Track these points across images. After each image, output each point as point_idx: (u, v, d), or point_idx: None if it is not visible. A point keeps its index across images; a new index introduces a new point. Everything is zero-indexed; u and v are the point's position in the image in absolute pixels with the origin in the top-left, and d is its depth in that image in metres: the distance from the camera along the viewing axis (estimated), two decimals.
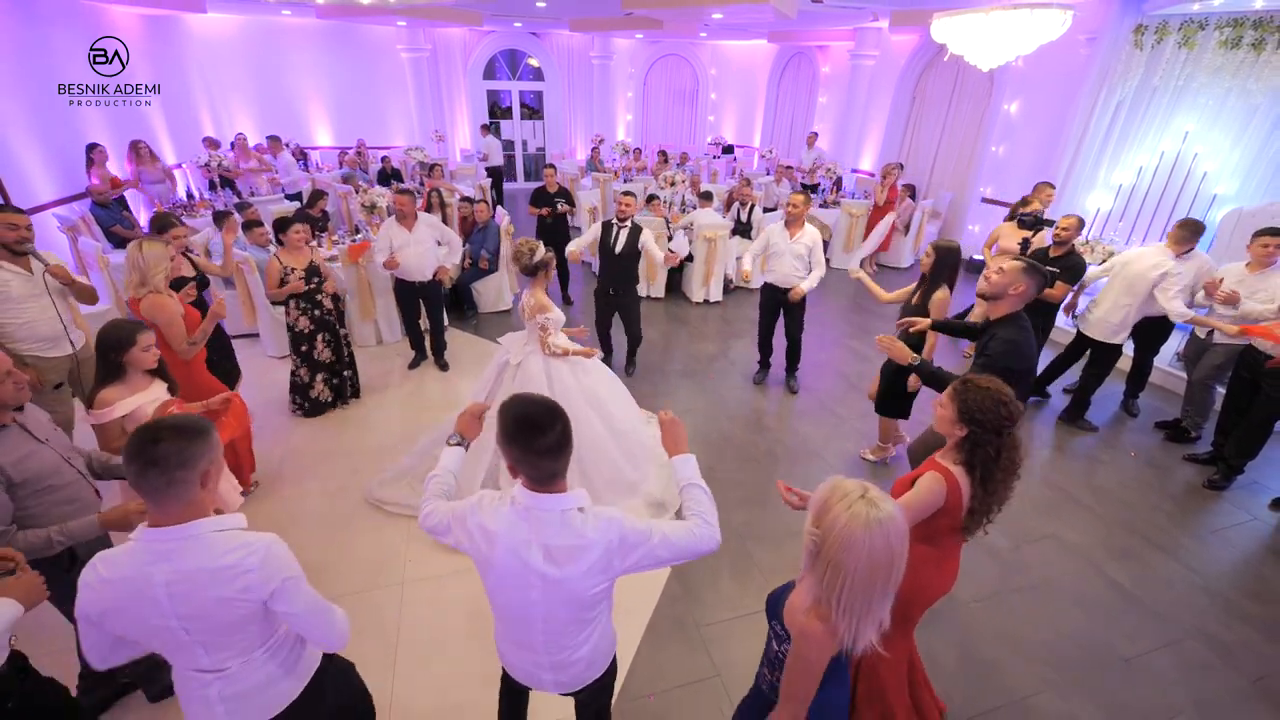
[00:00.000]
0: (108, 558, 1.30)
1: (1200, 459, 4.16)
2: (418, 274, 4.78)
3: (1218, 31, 5.73)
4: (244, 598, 1.31)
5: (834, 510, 1.28)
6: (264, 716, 1.48)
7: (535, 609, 1.44)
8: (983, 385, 1.79)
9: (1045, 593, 3.04)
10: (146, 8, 8.15)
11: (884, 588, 1.29)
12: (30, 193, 6.14)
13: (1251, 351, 3.74)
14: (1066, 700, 2.50)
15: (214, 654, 1.37)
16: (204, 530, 1.30)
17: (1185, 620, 2.90)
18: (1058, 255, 4.18)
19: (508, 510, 1.41)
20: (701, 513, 1.53)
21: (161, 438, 1.25)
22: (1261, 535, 3.53)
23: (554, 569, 1.37)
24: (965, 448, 1.82)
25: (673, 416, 1.72)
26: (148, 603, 1.27)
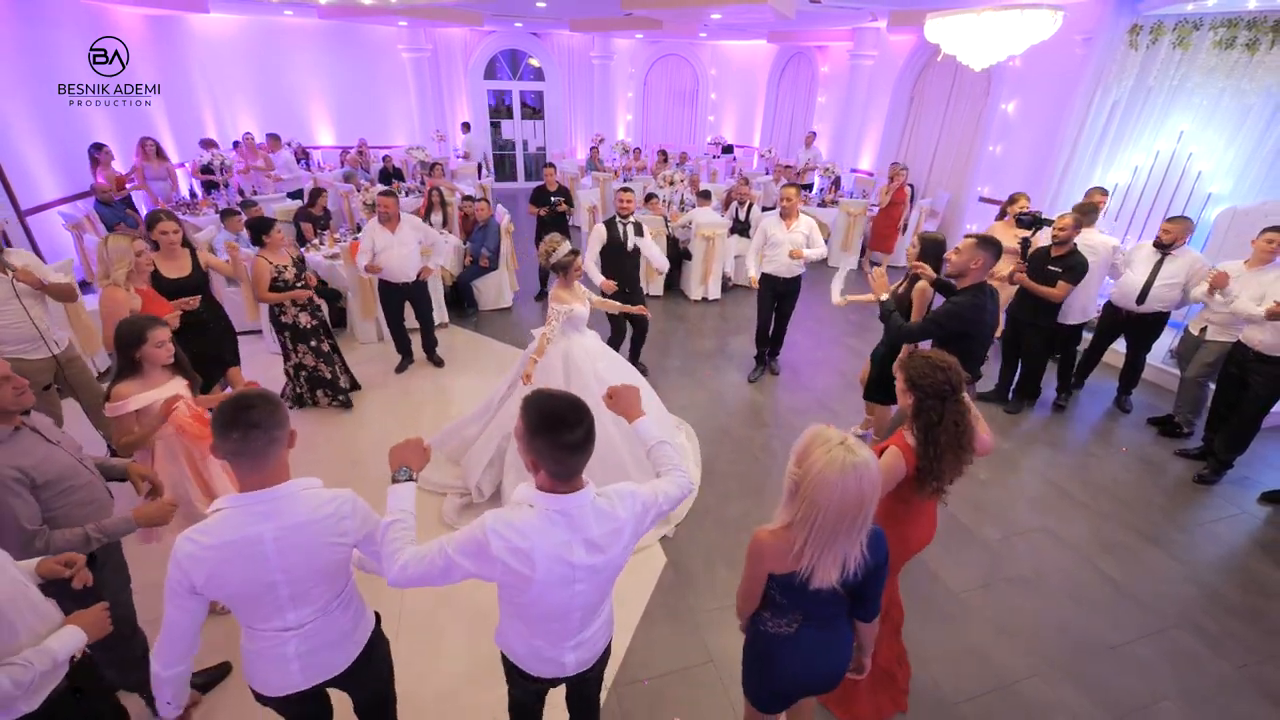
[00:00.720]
0: (202, 528, 1.37)
1: (1191, 454, 4.21)
2: (401, 275, 4.73)
3: (1212, 32, 5.78)
4: (342, 541, 1.49)
5: (814, 454, 1.40)
6: (329, 673, 1.63)
7: (577, 600, 1.48)
8: (924, 355, 1.93)
9: (1035, 583, 3.10)
10: (149, 8, 8.22)
11: (850, 526, 1.41)
12: (36, 191, 6.21)
13: (1241, 348, 3.79)
14: (1053, 686, 2.55)
15: (299, 608, 1.50)
16: (296, 489, 1.44)
17: (1172, 610, 2.96)
18: (1059, 255, 4.19)
19: (536, 519, 1.38)
20: (676, 465, 1.67)
21: (253, 404, 1.37)
22: (1249, 528, 3.58)
23: (598, 557, 1.43)
24: (916, 417, 1.92)
25: (622, 386, 1.80)
26: (256, 559, 1.39)
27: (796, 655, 1.64)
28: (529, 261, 7.22)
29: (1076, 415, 4.81)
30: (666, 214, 7.31)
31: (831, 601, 1.56)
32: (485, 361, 5.39)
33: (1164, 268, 4.19)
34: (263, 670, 1.57)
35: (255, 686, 1.60)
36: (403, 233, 4.68)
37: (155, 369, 2.39)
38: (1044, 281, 4.22)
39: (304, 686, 1.61)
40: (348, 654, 1.66)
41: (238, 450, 1.36)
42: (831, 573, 1.45)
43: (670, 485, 1.61)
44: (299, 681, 1.59)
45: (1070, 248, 4.19)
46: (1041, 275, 4.24)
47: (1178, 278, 4.16)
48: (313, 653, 1.57)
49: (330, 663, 1.62)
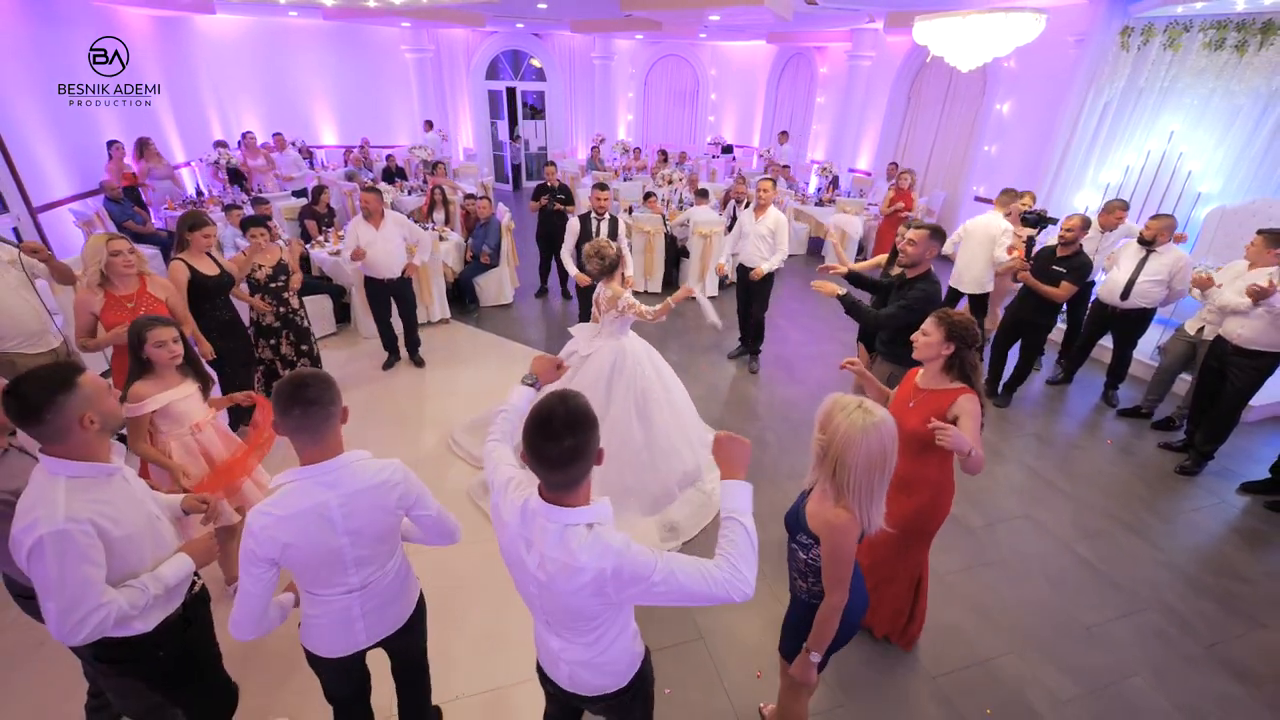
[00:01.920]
0: (272, 501, 1.48)
1: (1175, 447, 4.31)
2: (386, 271, 4.76)
3: (1202, 33, 5.87)
4: (397, 506, 1.61)
5: (836, 419, 1.57)
6: (389, 629, 1.75)
7: (535, 602, 1.44)
8: (959, 314, 2.24)
9: (1015, 567, 3.20)
10: (157, 9, 8.35)
11: (881, 477, 1.58)
12: (47, 189, 6.34)
13: (1220, 342, 3.89)
14: (1029, 663, 2.66)
15: (361, 570, 1.61)
16: (351, 460, 1.55)
17: (1147, 593, 3.06)
18: (1064, 255, 4.26)
19: (519, 507, 1.36)
20: (732, 555, 1.31)
21: (309, 383, 1.47)
22: (1227, 517, 3.68)
23: (544, 576, 1.32)
24: (955, 364, 2.23)
25: (733, 435, 1.48)
26: (325, 525, 1.50)
27: (851, 605, 1.75)
28: (529, 258, 7.33)
29: (1064, 409, 4.92)
30: (665, 212, 7.42)
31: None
32: (486, 356, 5.50)
33: (1148, 265, 4.29)
34: (327, 633, 1.66)
35: (319, 650, 1.69)
36: (387, 229, 4.70)
37: (168, 370, 2.39)
38: (1048, 281, 4.30)
39: (367, 645, 1.72)
40: (404, 610, 1.79)
41: (299, 426, 1.46)
42: (879, 519, 1.62)
43: (693, 573, 1.28)
44: (363, 640, 1.70)
45: (1076, 249, 4.25)
46: (1046, 275, 4.33)
47: (1161, 275, 4.26)
48: (375, 611, 1.68)
49: (390, 619, 1.75)
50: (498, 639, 2.70)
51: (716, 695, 2.50)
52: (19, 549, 1.40)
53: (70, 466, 1.47)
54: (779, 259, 4.79)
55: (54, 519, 1.39)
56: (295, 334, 4.30)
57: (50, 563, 1.38)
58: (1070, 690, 2.54)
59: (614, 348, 3.41)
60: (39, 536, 1.37)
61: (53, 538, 1.37)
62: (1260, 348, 3.68)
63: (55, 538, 1.38)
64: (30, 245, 3.16)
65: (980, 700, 2.49)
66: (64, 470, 1.46)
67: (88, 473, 1.49)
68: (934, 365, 2.27)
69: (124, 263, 2.99)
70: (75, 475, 1.47)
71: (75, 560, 1.40)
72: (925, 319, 2.27)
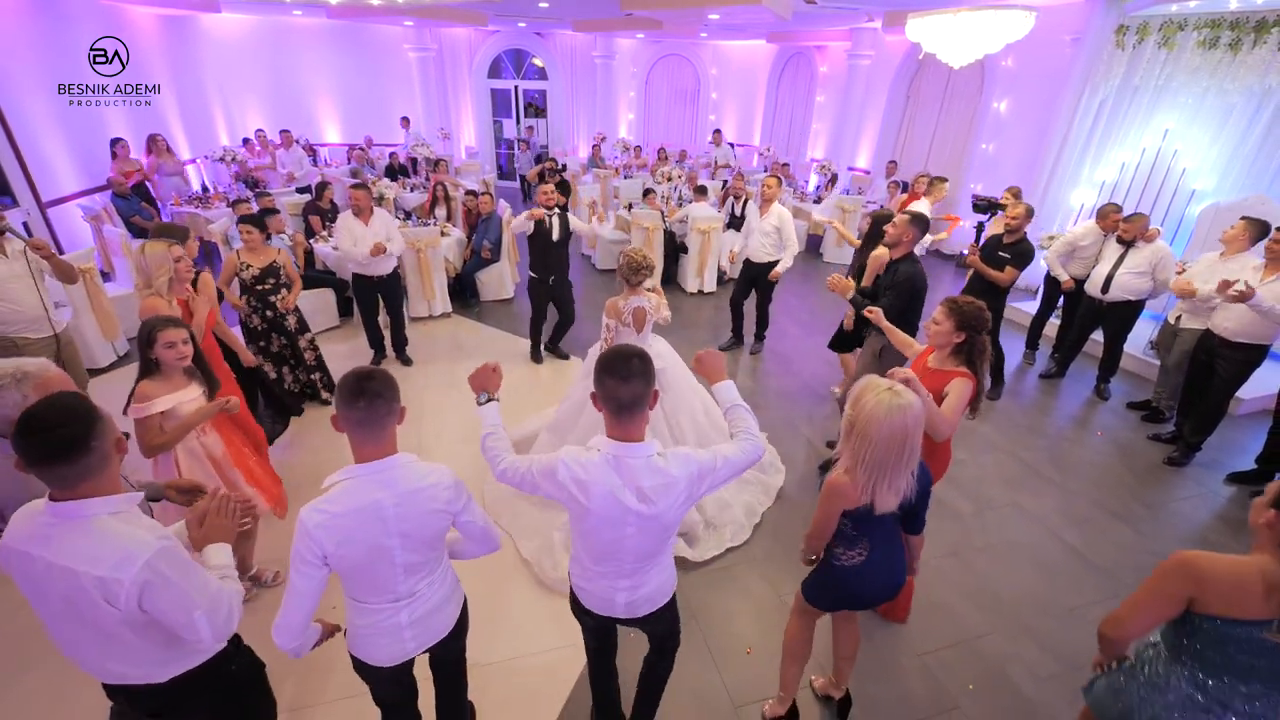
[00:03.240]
0: (328, 499, 1.46)
1: (1164, 439, 4.38)
2: (375, 268, 4.75)
3: (1196, 32, 5.93)
4: (446, 509, 1.58)
5: (865, 398, 1.70)
6: (436, 638, 1.74)
7: (629, 542, 1.62)
8: (967, 301, 2.36)
9: (1002, 552, 3.28)
10: (163, 8, 8.46)
11: (898, 457, 1.68)
12: (56, 185, 6.45)
13: (1209, 335, 3.96)
14: (1012, 641, 2.74)
15: (410, 577, 1.60)
16: (404, 461, 1.53)
17: (1131, 577, 3.13)
18: (1010, 242, 4.40)
19: (598, 460, 1.54)
20: (748, 429, 1.73)
21: (373, 376, 1.47)
22: (1213, 506, 3.74)
23: (648, 507, 1.54)
24: (964, 350, 2.37)
25: (710, 350, 1.89)
26: (378, 524, 1.48)
27: (866, 580, 1.95)
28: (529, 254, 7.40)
29: (1056, 402, 4.98)
30: (664, 209, 7.50)
31: (892, 525, 1.90)
32: (487, 350, 5.58)
33: (1128, 259, 4.38)
34: (376, 643, 1.64)
35: (369, 659, 1.68)
36: (375, 225, 4.71)
37: (175, 371, 2.37)
38: (995, 266, 4.41)
39: (415, 654, 1.71)
40: (450, 617, 1.77)
41: (362, 419, 1.45)
42: (891, 499, 1.73)
43: (734, 449, 1.66)
44: (411, 649, 1.69)
45: (1020, 236, 4.39)
46: (992, 260, 4.45)
47: (1141, 267, 4.35)
48: (422, 620, 1.67)
49: (437, 628, 1.73)
50: (500, 615, 2.78)
51: (708, 671, 2.58)
52: (118, 589, 1.26)
53: (107, 503, 1.32)
54: (790, 255, 4.97)
55: (147, 544, 1.30)
56: (285, 337, 4.20)
57: (174, 578, 1.32)
58: (1050, 667, 2.62)
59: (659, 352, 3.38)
60: (145, 562, 1.27)
61: (159, 556, 1.30)
62: (1247, 339, 3.75)
63: (161, 555, 1.31)
64: (35, 242, 3.26)
65: (963, 675, 2.56)
66: (104, 509, 1.31)
67: (124, 505, 1.37)
68: (945, 349, 2.43)
69: (186, 268, 3.05)
70: (116, 510, 1.34)
71: (187, 564, 1.37)
72: (914, 296, 2.37)
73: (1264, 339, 3.73)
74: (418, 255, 5.91)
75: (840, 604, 2.09)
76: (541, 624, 2.76)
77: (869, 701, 2.45)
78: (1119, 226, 4.61)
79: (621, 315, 3.18)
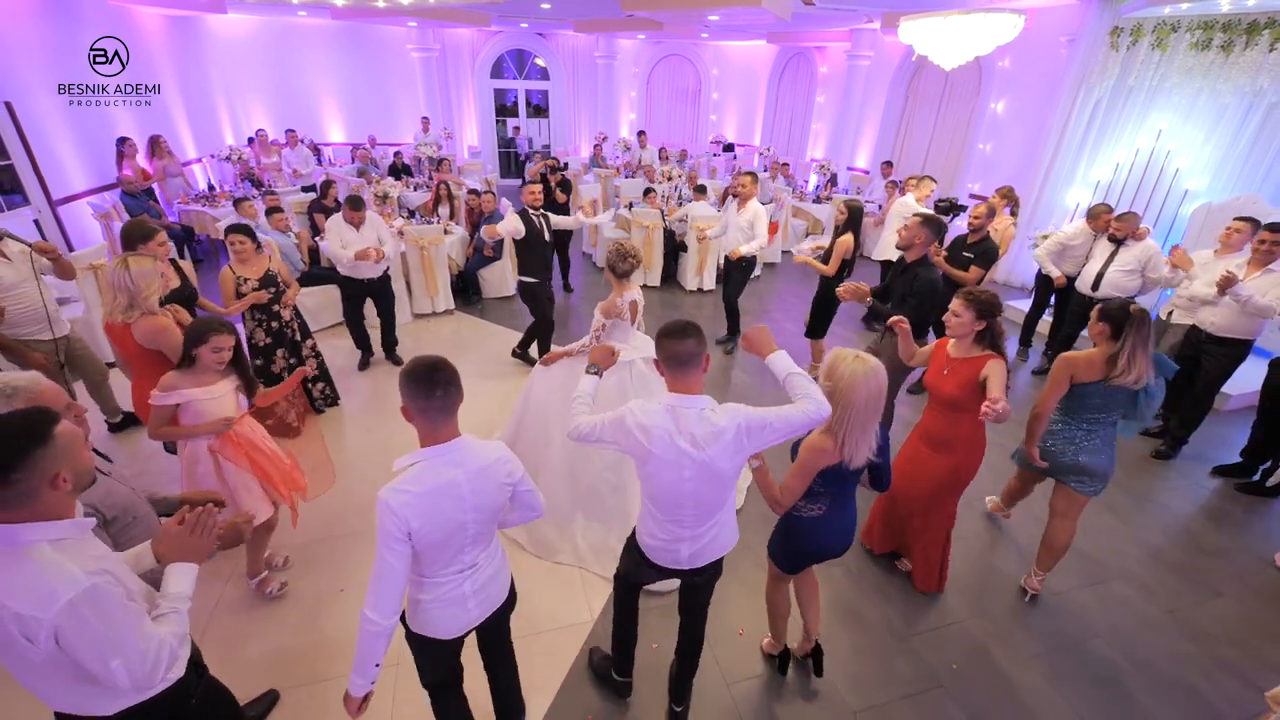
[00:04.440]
0: (408, 479, 1.54)
1: (1151, 433, 4.47)
2: (367, 271, 4.75)
3: (1189, 34, 6.01)
4: (509, 481, 1.72)
5: (840, 368, 1.89)
6: (495, 605, 1.86)
7: (687, 486, 1.78)
8: (981, 291, 2.57)
9: (987, 539, 3.37)
10: (170, 9, 8.57)
11: (874, 414, 1.90)
12: (66, 183, 6.56)
13: (1195, 331, 4.04)
14: (995, 624, 2.83)
15: (475, 547, 1.72)
16: (467, 441, 1.64)
17: (1113, 564, 3.22)
18: (973, 241, 4.50)
19: (659, 408, 1.76)
20: (809, 393, 1.80)
21: (441, 365, 1.57)
22: (1197, 498, 3.83)
23: (700, 452, 1.72)
24: (986, 336, 2.57)
25: (758, 325, 2.00)
26: (455, 501, 1.59)
27: (822, 531, 2.17)
28: None
29: None
30: (664, 208, 7.59)
31: (851, 481, 2.09)
32: (489, 345, 5.69)
33: (1118, 256, 4.46)
34: (441, 615, 1.73)
35: (436, 633, 1.75)
36: (367, 230, 4.73)
37: (208, 370, 2.38)
38: (959, 266, 4.50)
39: (477, 622, 1.81)
40: (504, 585, 1.89)
41: (441, 406, 1.55)
42: (864, 452, 1.93)
43: (794, 409, 1.76)
44: (475, 617, 1.79)
45: (983, 235, 4.49)
46: (957, 260, 4.54)
47: (1131, 265, 4.43)
48: (483, 588, 1.78)
49: (496, 595, 1.85)
50: None
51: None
52: (37, 627, 1.16)
53: (49, 529, 1.24)
54: (756, 245, 5.14)
55: (75, 581, 1.20)
56: (288, 349, 4.07)
57: (94, 622, 1.21)
58: (1032, 648, 2.71)
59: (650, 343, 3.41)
60: (68, 601, 1.17)
61: (84, 596, 1.20)
62: (1231, 334, 3.84)
63: (86, 596, 1.20)
64: (42, 245, 3.32)
65: (947, 656, 2.66)
66: (44, 535, 1.23)
67: (71, 532, 1.28)
68: (966, 338, 2.61)
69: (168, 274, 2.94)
70: (60, 538, 1.25)
71: (114, 608, 1.25)
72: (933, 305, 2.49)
73: (1248, 334, 3.82)
74: (421, 253, 6.02)
75: (803, 559, 2.29)
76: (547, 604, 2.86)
77: (855, 680, 2.55)
78: (1110, 226, 4.69)
79: (620, 311, 3.25)
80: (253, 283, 3.79)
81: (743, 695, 2.47)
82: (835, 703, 2.47)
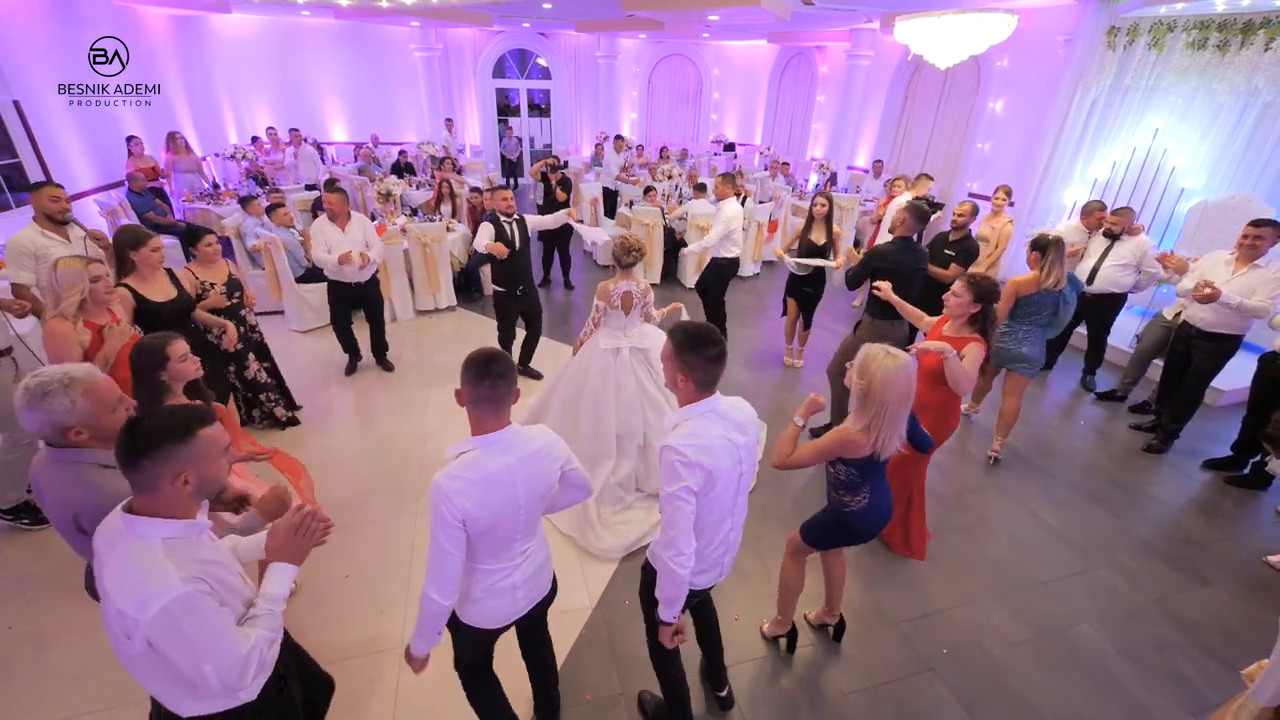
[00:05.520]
0: (463, 466, 1.58)
1: (1144, 429, 4.52)
2: (353, 275, 4.58)
3: (1185, 34, 6.06)
4: (556, 466, 1.75)
5: (872, 366, 1.96)
6: (540, 595, 1.90)
7: (744, 481, 1.84)
8: (983, 276, 2.78)
9: (979, 530, 3.43)
10: (175, 8, 8.66)
11: (905, 408, 1.99)
12: (73, 180, 6.64)
13: (1186, 327, 4.10)
14: (985, 611, 2.89)
15: (525, 537, 1.75)
16: (517, 428, 1.68)
17: (1102, 554, 3.28)
18: (955, 240, 4.55)
19: (699, 422, 1.72)
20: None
21: (496, 358, 1.61)
22: (1188, 490, 3.89)
23: (745, 437, 1.81)
24: (979, 319, 2.78)
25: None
26: (508, 487, 1.62)
27: (866, 520, 2.24)
28: (532, 250, 7.57)
29: (1043, 393, 5.13)
30: (664, 206, 7.66)
31: (882, 465, 2.16)
32: (490, 342, 5.74)
33: (1113, 251, 4.52)
34: (490, 606, 1.77)
35: (485, 624, 1.79)
36: (352, 231, 4.54)
37: (178, 390, 2.23)
38: (940, 263, 4.54)
39: (524, 612, 1.84)
40: (550, 576, 1.93)
41: (488, 396, 1.58)
42: (894, 444, 2.03)
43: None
44: (522, 608, 1.83)
45: (965, 233, 4.54)
46: (939, 258, 4.57)
47: (1126, 259, 4.49)
48: (530, 579, 1.82)
49: (541, 585, 1.89)
50: None
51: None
52: (134, 627, 1.22)
53: (163, 526, 1.29)
54: (710, 240, 5.14)
55: (171, 587, 1.23)
56: (257, 353, 3.98)
57: (186, 629, 1.24)
58: (1021, 634, 2.77)
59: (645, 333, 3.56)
60: (162, 607, 1.21)
61: (177, 604, 1.23)
62: (1221, 330, 3.89)
63: (181, 603, 1.23)
64: (95, 233, 3.53)
65: (938, 641, 2.72)
66: (158, 531, 1.29)
67: (183, 532, 1.32)
68: (961, 319, 2.80)
69: (105, 288, 2.69)
70: (171, 536, 1.30)
71: (208, 613, 1.28)
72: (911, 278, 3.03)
73: (1237, 330, 3.87)
74: (424, 250, 6.09)
75: (839, 543, 2.38)
76: None
77: (847, 662, 2.62)
78: (1104, 222, 4.74)
79: (610, 298, 3.40)
80: (220, 287, 3.61)
81: (737, 679, 2.54)
82: (828, 684, 2.53)
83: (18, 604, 2.77)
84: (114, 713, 2.31)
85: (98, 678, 2.42)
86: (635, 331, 3.51)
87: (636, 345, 3.48)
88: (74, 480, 1.60)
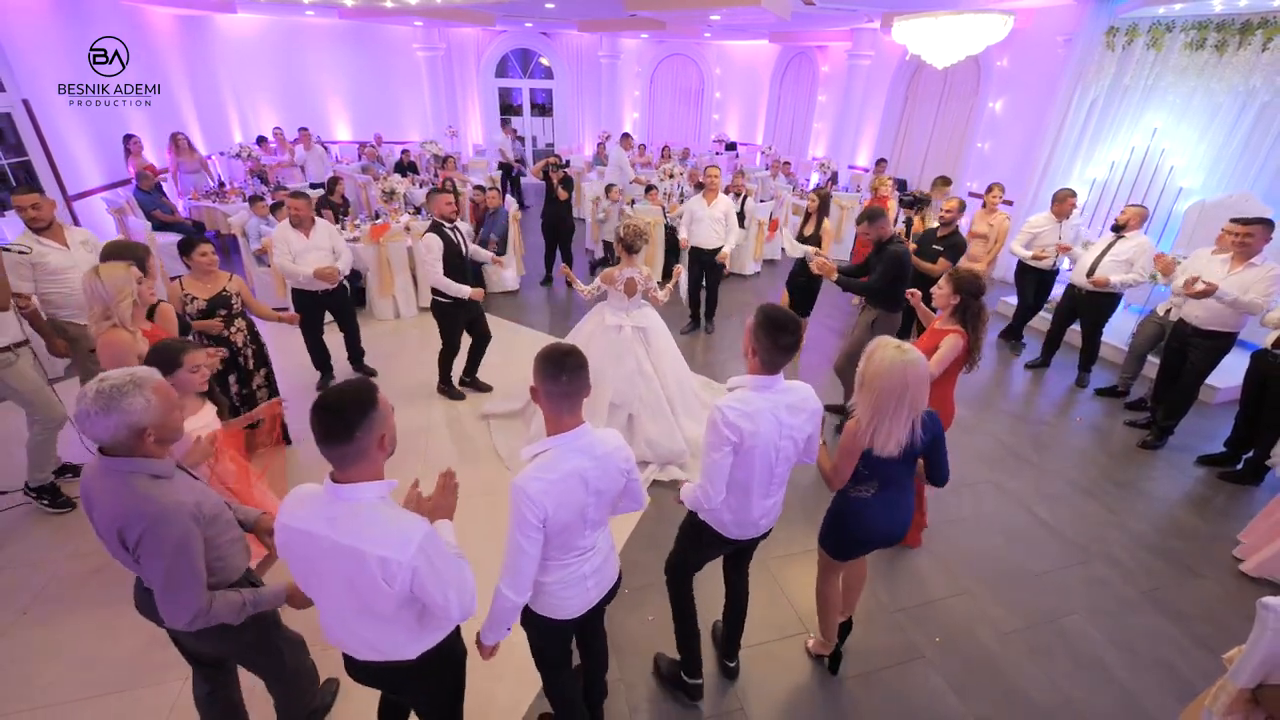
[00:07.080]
0: (543, 466, 1.61)
1: (1140, 425, 4.56)
2: (320, 282, 4.29)
3: (1183, 34, 6.09)
4: (625, 468, 1.77)
5: (876, 354, 1.97)
6: (609, 584, 1.94)
7: (782, 453, 1.98)
8: (966, 270, 2.81)
9: (974, 524, 3.48)
10: (181, 8, 8.73)
11: (897, 405, 1.93)
12: (81, 179, 6.72)
13: (1181, 324, 4.14)
14: (978, 602, 2.94)
15: (592, 532, 1.78)
16: (589, 430, 1.71)
17: (1095, 547, 3.33)
18: (943, 235, 4.61)
19: (749, 392, 1.93)
20: None
21: (571, 351, 1.65)
22: (1182, 485, 3.93)
23: (794, 419, 1.96)
24: (959, 312, 2.79)
25: None
26: (579, 486, 1.65)
27: (870, 515, 2.20)
28: (535, 248, 7.65)
29: (1039, 390, 5.17)
30: (665, 205, 7.71)
31: (898, 469, 2.11)
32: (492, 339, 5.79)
33: (1115, 246, 4.58)
34: (562, 598, 1.80)
35: (558, 614, 1.82)
36: (317, 237, 4.31)
37: (189, 395, 2.24)
38: (928, 259, 4.60)
39: (595, 602, 1.89)
40: (616, 565, 1.98)
41: (565, 391, 1.61)
42: (888, 444, 1.98)
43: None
44: (593, 597, 1.87)
45: (953, 229, 4.60)
46: (926, 253, 4.63)
47: (1124, 255, 4.53)
48: (599, 570, 1.86)
49: (609, 574, 1.93)
50: None
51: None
52: (398, 569, 1.37)
53: (378, 487, 1.45)
54: (733, 239, 5.37)
55: (417, 528, 1.41)
56: (239, 377, 3.59)
57: (435, 561, 1.42)
58: (1013, 624, 2.82)
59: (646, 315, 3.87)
60: (418, 545, 1.38)
61: (427, 539, 1.41)
62: (1216, 328, 3.93)
63: (428, 539, 1.41)
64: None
65: (931, 630, 2.77)
66: (376, 492, 1.44)
67: (386, 491, 1.47)
68: (946, 311, 2.85)
69: (148, 291, 2.70)
70: (382, 496, 1.46)
71: (443, 546, 1.48)
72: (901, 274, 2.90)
73: (1232, 327, 3.91)
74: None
75: (853, 547, 2.31)
76: None
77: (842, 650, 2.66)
78: (1071, 212, 4.87)
79: (615, 283, 3.68)
80: (200, 303, 3.36)
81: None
82: (822, 670, 2.58)
83: (33, 588, 2.84)
84: (123, 696, 2.38)
85: (107, 660, 2.50)
86: (637, 313, 3.83)
87: (637, 325, 3.81)
88: (127, 491, 1.56)
